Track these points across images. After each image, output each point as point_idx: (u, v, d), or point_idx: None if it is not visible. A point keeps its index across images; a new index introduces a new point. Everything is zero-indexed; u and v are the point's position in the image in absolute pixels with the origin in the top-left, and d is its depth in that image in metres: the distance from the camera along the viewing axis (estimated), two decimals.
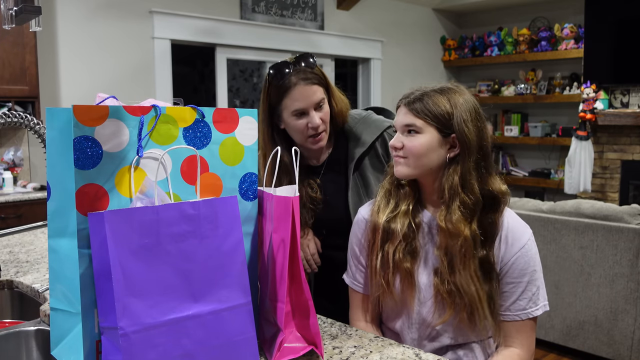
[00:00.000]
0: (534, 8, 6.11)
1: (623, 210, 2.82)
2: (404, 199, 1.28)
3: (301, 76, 1.46)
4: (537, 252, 1.25)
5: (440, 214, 1.21)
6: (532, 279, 1.22)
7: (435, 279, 1.23)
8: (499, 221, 1.23)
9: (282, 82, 1.47)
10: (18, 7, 1.18)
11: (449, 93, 1.22)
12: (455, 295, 1.20)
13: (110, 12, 4.08)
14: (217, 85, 4.84)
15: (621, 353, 2.85)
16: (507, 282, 1.22)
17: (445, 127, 1.20)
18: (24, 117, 1.25)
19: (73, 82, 3.94)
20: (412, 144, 1.21)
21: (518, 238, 1.22)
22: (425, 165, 1.21)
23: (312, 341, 1.04)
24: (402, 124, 1.23)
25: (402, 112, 1.24)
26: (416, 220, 1.27)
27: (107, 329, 0.86)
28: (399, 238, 1.25)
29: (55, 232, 0.95)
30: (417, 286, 1.26)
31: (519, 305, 1.22)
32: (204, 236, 0.93)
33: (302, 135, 1.50)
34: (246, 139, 1.07)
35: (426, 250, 1.27)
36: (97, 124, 0.87)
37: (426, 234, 1.27)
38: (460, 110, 1.20)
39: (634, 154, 5.11)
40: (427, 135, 1.20)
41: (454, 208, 1.19)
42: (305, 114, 1.48)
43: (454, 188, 1.19)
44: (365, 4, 5.73)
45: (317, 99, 1.47)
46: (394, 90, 6.12)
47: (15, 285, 1.53)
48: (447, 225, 1.19)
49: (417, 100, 1.22)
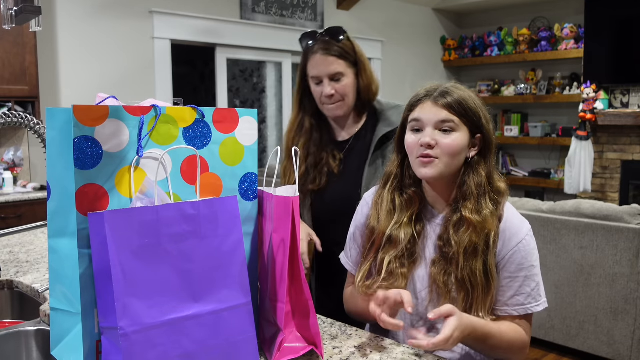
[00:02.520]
0: (534, 8, 6.11)
1: (623, 210, 2.82)
2: (409, 207, 1.25)
3: (322, 46, 1.57)
4: (535, 248, 1.23)
5: (466, 209, 1.18)
6: (531, 274, 1.20)
7: (432, 269, 1.21)
8: (502, 215, 1.22)
9: (305, 49, 1.62)
10: (18, 7, 1.18)
11: (465, 90, 1.20)
12: (452, 285, 1.19)
13: (110, 12, 4.08)
14: (217, 85, 4.84)
15: (621, 353, 2.85)
16: (504, 276, 1.20)
17: (476, 126, 1.19)
18: (24, 117, 1.25)
19: (73, 82, 3.94)
20: (447, 141, 1.15)
21: (516, 233, 1.20)
22: (454, 165, 1.18)
23: (312, 341, 1.04)
24: (437, 120, 1.16)
25: (430, 107, 1.17)
26: (418, 227, 1.25)
27: (107, 329, 0.86)
28: (400, 247, 1.23)
29: (55, 232, 0.95)
30: (412, 280, 1.25)
31: (517, 301, 1.20)
32: (204, 236, 0.93)
33: (319, 101, 1.64)
34: (246, 139, 1.07)
35: (425, 251, 1.25)
36: (97, 124, 0.87)
37: (428, 236, 1.26)
38: (482, 108, 1.20)
39: (634, 154, 5.11)
40: (461, 133, 1.17)
41: (485, 203, 1.18)
42: (320, 82, 1.59)
43: (483, 186, 1.19)
44: (365, 4, 5.73)
45: (333, 71, 1.57)
46: (394, 90, 6.12)
47: (15, 285, 1.53)
48: (476, 218, 1.16)
49: (446, 95, 1.17)
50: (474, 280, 1.16)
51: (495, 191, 1.21)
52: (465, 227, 1.18)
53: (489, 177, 1.20)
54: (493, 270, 1.18)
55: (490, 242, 1.17)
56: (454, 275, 1.18)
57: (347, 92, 1.60)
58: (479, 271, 1.16)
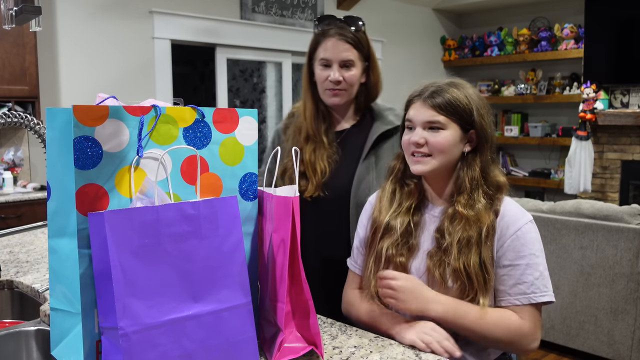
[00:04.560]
0: (534, 8, 6.11)
1: (623, 210, 2.82)
2: (408, 198, 1.30)
3: (339, 31, 1.56)
4: (537, 239, 1.23)
5: (459, 203, 1.22)
6: (532, 262, 1.20)
7: (428, 261, 1.23)
8: (499, 209, 1.24)
9: (321, 30, 1.59)
10: (18, 7, 1.18)
11: (461, 87, 1.24)
12: (448, 276, 1.20)
13: (110, 12, 4.08)
14: (217, 85, 4.84)
15: (621, 353, 2.85)
16: (504, 264, 1.21)
17: (467, 123, 1.22)
18: (24, 117, 1.25)
19: (73, 82, 3.94)
20: (436, 139, 1.21)
21: (514, 222, 1.22)
22: (446, 161, 1.23)
23: (312, 341, 1.04)
24: (424, 120, 1.22)
25: (419, 107, 1.23)
26: (415, 218, 1.28)
27: (107, 329, 0.86)
28: (397, 235, 1.27)
29: (55, 232, 0.95)
30: (409, 270, 1.27)
31: (519, 290, 1.19)
32: (204, 236, 0.93)
33: (322, 86, 1.60)
34: (246, 139, 1.07)
35: (422, 242, 1.28)
36: (97, 124, 0.87)
37: (425, 228, 1.28)
38: (476, 105, 1.23)
39: (634, 154, 5.11)
40: (450, 131, 1.21)
41: (477, 197, 1.22)
42: (329, 67, 1.57)
43: (477, 179, 1.23)
44: (365, 4, 5.73)
45: (345, 57, 1.56)
46: (394, 90, 6.10)
47: (15, 285, 1.53)
48: (469, 212, 1.20)
49: (435, 95, 1.21)
50: (469, 271, 1.18)
51: (490, 185, 1.24)
52: (458, 220, 1.21)
53: (483, 172, 1.24)
54: (488, 262, 1.19)
55: (483, 235, 1.19)
56: (449, 267, 1.20)
57: (353, 82, 1.59)
58: (474, 263, 1.18)
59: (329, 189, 1.61)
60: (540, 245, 1.23)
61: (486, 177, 1.24)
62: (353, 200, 1.58)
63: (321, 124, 1.64)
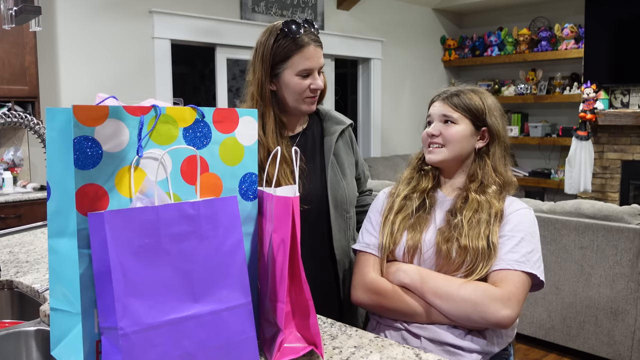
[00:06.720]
0: (534, 8, 6.11)
1: (623, 210, 2.82)
2: (424, 181, 1.42)
3: (312, 37, 1.51)
4: (535, 224, 1.34)
5: (471, 189, 1.35)
6: (527, 238, 1.29)
7: (438, 237, 1.32)
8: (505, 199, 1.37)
9: (295, 39, 1.48)
10: (18, 7, 1.18)
11: (480, 93, 1.41)
12: (456, 252, 1.28)
13: (110, 12, 4.08)
14: (217, 85, 4.84)
15: (621, 353, 2.85)
16: (500, 235, 1.30)
17: (478, 120, 1.38)
18: (24, 117, 1.25)
19: (73, 82, 3.94)
20: (449, 131, 1.37)
21: (517, 207, 1.35)
22: (458, 152, 1.37)
23: (312, 341, 1.04)
24: (440, 114, 1.38)
25: (438, 105, 1.39)
26: (429, 200, 1.39)
27: (107, 329, 0.86)
28: (410, 209, 1.38)
29: (55, 232, 0.95)
30: (419, 247, 1.34)
31: (512, 257, 1.27)
32: (204, 236, 0.93)
33: (299, 96, 1.52)
34: (246, 139, 1.07)
35: (434, 220, 1.37)
36: (97, 124, 0.87)
37: (437, 209, 1.39)
38: (490, 107, 1.40)
39: (634, 154, 5.11)
40: (462, 125, 1.37)
41: (489, 184, 1.35)
42: (309, 75, 1.51)
43: (488, 172, 1.37)
44: (365, 4, 5.73)
45: (322, 63, 1.55)
46: (394, 90, 6.12)
47: (15, 285, 1.53)
48: (480, 197, 1.33)
49: (453, 96, 1.39)
50: (476, 248, 1.27)
51: (501, 178, 1.37)
52: (470, 203, 1.33)
53: (494, 168, 1.38)
54: (496, 242, 1.28)
55: (492, 218, 1.30)
56: (457, 243, 1.29)
57: (326, 86, 1.58)
58: (482, 245, 1.27)
59: (304, 202, 1.53)
60: (537, 230, 1.34)
61: (497, 173, 1.37)
62: (332, 205, 1.57)
63: (280, 138, 1.55)
